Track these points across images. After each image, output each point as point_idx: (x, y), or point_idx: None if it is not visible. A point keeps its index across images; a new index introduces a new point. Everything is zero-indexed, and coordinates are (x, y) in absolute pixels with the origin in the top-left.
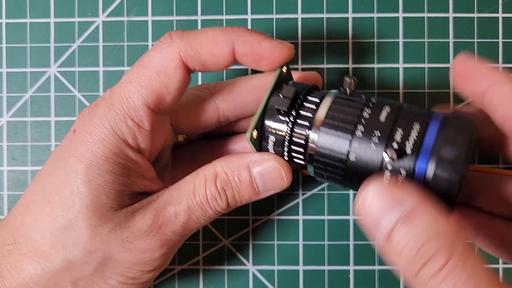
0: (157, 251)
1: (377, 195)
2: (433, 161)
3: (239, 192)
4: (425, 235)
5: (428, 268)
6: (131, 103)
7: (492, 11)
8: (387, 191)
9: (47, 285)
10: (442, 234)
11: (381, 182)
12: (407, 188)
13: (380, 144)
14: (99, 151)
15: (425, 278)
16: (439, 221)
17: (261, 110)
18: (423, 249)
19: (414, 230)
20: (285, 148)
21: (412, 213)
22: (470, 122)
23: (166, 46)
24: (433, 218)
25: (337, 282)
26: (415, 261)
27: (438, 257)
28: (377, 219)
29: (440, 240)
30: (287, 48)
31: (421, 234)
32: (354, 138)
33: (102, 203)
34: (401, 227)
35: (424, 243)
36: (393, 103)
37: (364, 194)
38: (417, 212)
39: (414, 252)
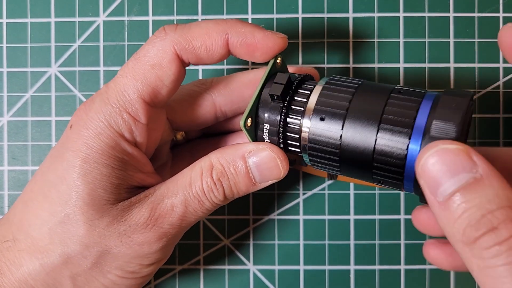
0: (155, 244)
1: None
2: (426, 142)
3: (235, 183)
4: (495, 203)
5: (491, 237)
6: (126, 97)
7: (492, 11)
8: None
9: (46, 281)
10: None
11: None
12: (479, 154)
13: (372, 127)
14: (95, 144)
15: (485, 245)
16: (509, 192)
17: (254, 97)
18: (489, 217)
19: (483, 193)
20: (280, 136)
21: (482, 179)
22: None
23: (160, 39)
24: (503, 188)
25: (338, 282)
26: (477, 227)
27: (508, 227)
28: (441, 177)
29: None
30: (280, 39)
31: (489, 201)
32: (346, 122)
33: (99, 196)
34: (466, 191)
35: (492, 210)
36: (385, 85)
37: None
38: (488, 179)
39: (478, 217)
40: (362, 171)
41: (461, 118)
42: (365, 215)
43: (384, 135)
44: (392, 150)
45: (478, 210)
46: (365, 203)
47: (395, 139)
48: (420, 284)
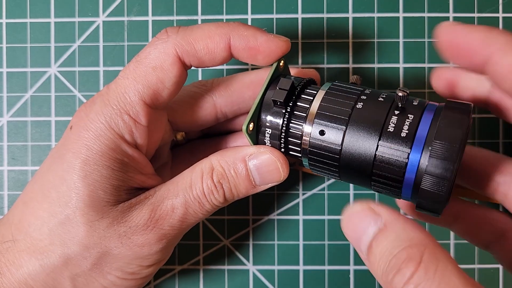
0: (155, 246)
1: (354, 215)
2: (426, 155)
3: (235, 185)
4: (397, 245)
5: (400, 277)
6: (127, 98)
7: (492, 11)
8: (363, 211)
9: (46, 282)
10: (412, 243)
11: (357, 204)
12: (380, 206)
13: (373, 135)
14: (95, 146)
15: (397, 286)
16: (408, 231)
17: (257, 102)
18: (395, 258)
19: (387, 240)
20: (282, 141)
21: (385, 228)
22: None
23: (162, 41)
24: (405, 230)
25: (337, 282)
26: (389, 270)
27: (408, 265)
28: (357, 236)
29: (410, 248)
30: (283, 42)
31: (393, 243)
32: (348, 129)
33: (99, 198)
34: (376, 241)
35: (396, 252)
36: (387, 93)
37: (344, 217)
38: (390, 225)
39: (388, 261)
40: (361, 178)
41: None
42: None
43: (385, 144)
44: (392, 159)
45: (387, 256)
46: None
47: (396, 149)
48: None
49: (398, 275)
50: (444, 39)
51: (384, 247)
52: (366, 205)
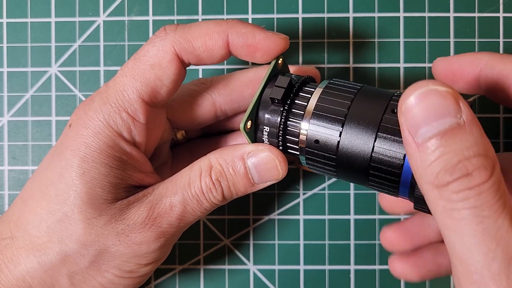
0: (153, 244)
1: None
2: None
3: (234, 183)
4: (472, 150)
5: (463, 182)
6: (125, 96)
7: (492, 11)
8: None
9: (44, 279)
10: (488, 154)
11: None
12: (463, 101)
13: (370, 133)
14: (93, 144)
15: (455, 189)
16: (487, 142)
17: (255, 100)
18: (467, 161)
19: (461, 142)
20: (280, 139)
21: (464, 126)
22: None
23: (160, 39)
24: (482, 137)
25: (338, 282)
26: (452, 172)
27: (482, 173)
28: (424, 119)
29: (486, 158)
30: (281, 39)
31: (468, 148)
32: (345, 127)
33: (97, 195)
34: (448, 136)
35: (471, 155)
36: (384, 91)
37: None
38: (470, 126)
39: (455, 162)
40: (358, 175)
41: None
42: (365, 215)
43: (382, 141)
44: (389, 156)
45: (455, 155)
46: (365, 203)
47: (393, 146)
48: (420, 284)
49: (465, 179)
50: (440, 70)
51: (455, 146)
52: (450, 90)
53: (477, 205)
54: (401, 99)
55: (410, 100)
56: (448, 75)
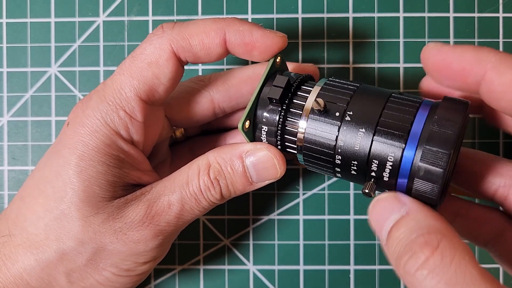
0: (151, 242)
1: (380, 202)
2: (419, 154)
3: (232, 182)
4: (415, 230)
5: (414, 260)
6: (122, 94)
7: (492, 11)
8: (389, 198)
9: (41, 276)
10: (430, 229)
11: (385, 193)
12: (406, 196)
13: (368, 131)
14: (91, 142)
15: (411, 271)
16: (429, 219)
17: (253, 100)
18: (411, 242)
19: (407, 226)
20: (278, 138)
21: (407, 214)
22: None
23: (158, 37)
24: (426, 218)
25: (338, 282)
26: (403, 254)
27: (424, 249)
28: (381, 222)
29: (428, 234)
30: (279, 38)
31: (412, 229)
32: (342, 125)
33: (94, 193)
34: (396, 227)
35: (414, 237)
36: (382, 90)
37: (371, 204)
38: (412, 213)
39: (404, 245)
40: (356, 174)
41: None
42: (365, 215)
43: (380, 140)
44: (387, 154)
45: (404, 240)
46: (365, 203)
47: (391, 144)
48: None
49: (412, 258)
50: (433, 60)
51: (402, 232)
52: (392, 194)
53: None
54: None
55: (368, 211)
56: (442, 69)
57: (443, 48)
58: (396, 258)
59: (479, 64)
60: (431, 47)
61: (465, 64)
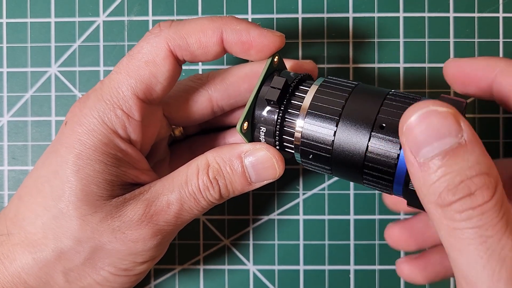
0: (150, 241)
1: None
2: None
3: (231, 182)
4: (474, 170)
5: (466, 201)
6: (120, 93)
7: (492, 11)
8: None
9: (39, 275)
10: (491, 173)
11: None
12: (464, 121)
13: (365, 130)
14: (88, 141)
15: (459, 209)
16: (489, 160)
17: (251, 101)
18: (467, 182)
19: (463, 162)
20: (276, 138)
21: (465, 145)
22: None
23: (155, 36)
24: (484, 155)
25: (338, 282)
26: (454, 192)
27: (484, 192)
28: (425, 139)
29: (488, 176)
30: (277, 37)
31: (470, 167)
32: (339, 124)
33: (92, 192)
34: (449, 155)
35: (473, 175)
36: (379, 89)
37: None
38: (471, 145)
39: (457, 182)
40: (353, 172)
41: None
42: (365, 215)
43: (376, 140)
44: (384, 153)
45: (457, 175)
46: (365, 203)
47: (387, 145)
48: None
49: (468, 198)
50: (452, 73)
51: (457, 166)
52: (452, 110)
53: (480, 225)
54: (402, 120)
55: (411, 120)
56: (460, 78)
57: (460, 61)
58: (440, 193)
59: (489, 70)
60: (450, 61)
61: (478, 72)
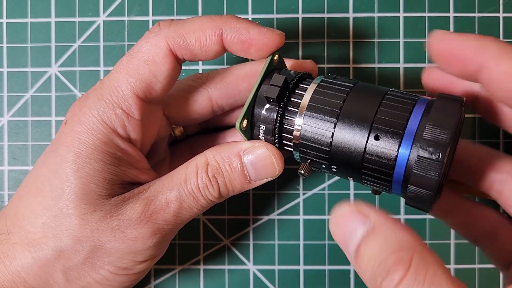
0: (149, 240)
1: (342, 217)
2: (416, 147)
3: (230, 180)
4: (385, 248)
5: (389, 281)
6: (119, 92)
7: (492, 11)
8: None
9: (38, 274)
10: (401, 246)
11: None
12: (369, 207)
13: (364, 128)
14: (88, 140)
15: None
16: (397, 233)
17: (250, 99)
18: (383, 262)
19: (375, 243)
20: (276, 136)
21: (373, 230)
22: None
23: (154, 35)
24: (394, 233)
25: (338, 282)
26: (377, 274)
27: (397, 269)
28: (346, 238)
29: (399, 251)
30: (276, 35)
31: (381, 247)
32: (338, 123)
33: (92, 191)
34: (365, 243)
35: (385, 256)
36: (378, 87)
37: (331, 219)
38: (378, 228)
39: (376, 265)
40: (351, 171)
41: (454, 123)
42: None
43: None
44: (382, 152)
45: (375, 259)
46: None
47: (386, 143)
48: None
49: (387, 279)
50: (438, 47)
51: (372, 250)
52: (354, 207)
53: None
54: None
55: (330, 228)
56: (444, 55)
57: (448, 36)
58: (370, 279)
59: (480, 53)
60: (437, 33)
61: (467, 52)
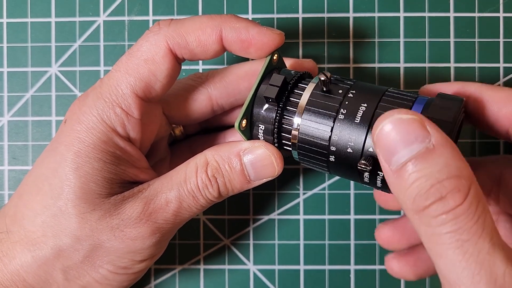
0: (148, 239)
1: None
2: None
3: (230, 180)
4: (444, 173)
5: (441, 205)
6: (119, 91)
7: (493, 11)
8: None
9: (38, 273)
10: (462, 175)
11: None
12: (432, 124)
13: (362, 127)
14: (87, 139)
15: (432, 214)
16: (457, 160)
17: (249, 99)
18: (440, 185)
19: (432, 166)
20: (275, 136)
21: (434, 149)
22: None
23: (154, 34)
24: (454, 158)
25: (338, 282)
26: (427, 196)
27: (455, 195)
28: (394, 147)
29: (459, 178)
30: (276, 35)
31: (439, 171)
32: (336, 121)
33: (91, 190)
34: (418, 161)
35: (443, 179)
36: (376, 87)
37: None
38: (439, 148)
39: (428, 187)
40: (350, 170)
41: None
42: (365, 215)
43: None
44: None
45: (428, 180)
46: (365, 203)
47: None
48: (420, 283)
49: (439, 203)
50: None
51: (427, 170)
52: (417, 115)
53: (455, 229)
54: (373, 131)
55: (379, 130)
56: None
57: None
58: (414, 198)
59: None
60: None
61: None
